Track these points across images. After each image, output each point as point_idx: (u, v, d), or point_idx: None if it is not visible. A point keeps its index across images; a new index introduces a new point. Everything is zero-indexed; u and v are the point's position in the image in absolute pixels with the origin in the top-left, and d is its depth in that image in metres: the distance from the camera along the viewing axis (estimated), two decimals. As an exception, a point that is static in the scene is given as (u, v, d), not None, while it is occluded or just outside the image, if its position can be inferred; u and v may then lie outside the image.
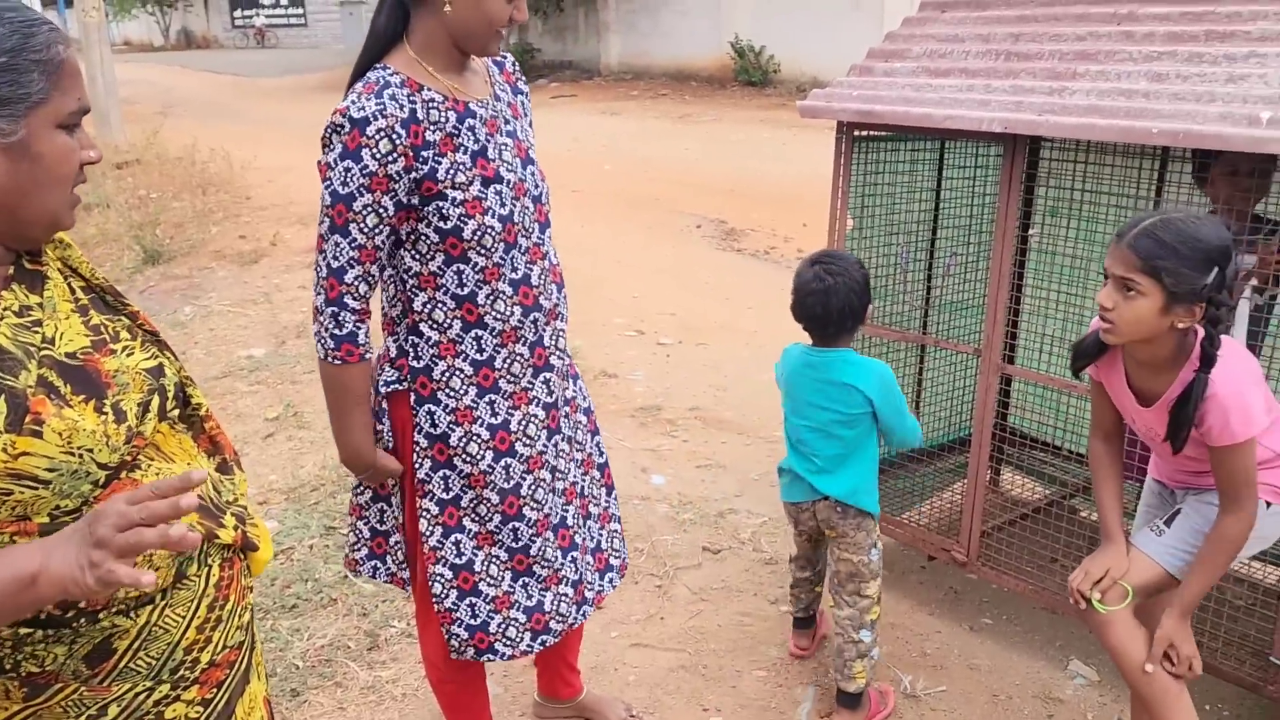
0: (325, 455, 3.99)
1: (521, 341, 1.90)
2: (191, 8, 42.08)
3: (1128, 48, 2.35)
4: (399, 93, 1.71)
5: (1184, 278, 1.74)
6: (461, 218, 1.76)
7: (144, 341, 1.31)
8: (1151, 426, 1.98)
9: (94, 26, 12.05)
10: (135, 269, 7.02)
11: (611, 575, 2.22)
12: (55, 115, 1.15)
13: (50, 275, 1.23)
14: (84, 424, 1.14)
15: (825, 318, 2.33)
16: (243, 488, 1.42)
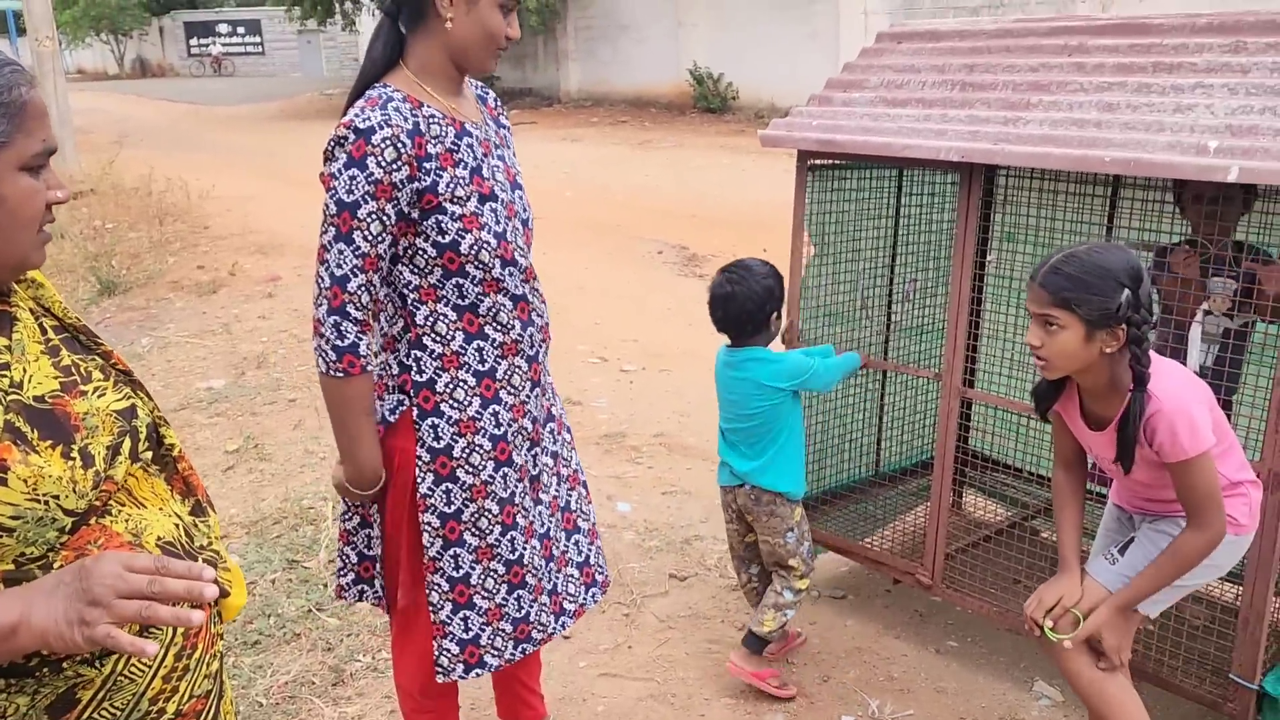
0: (287, 488, 3.94)
1: (521, 355, 1.95)
2: (147, 36, 41.73)
3: (1079, 78, 2.41)
4: (401, 106, 1.75)
5: (1095, 304, 1.82)
6: (460, 232, 1.80)
7: (116, 382, 1.29)
8: (1104, 452, 2.02)
9: (47, 55, 11.89)
10: (91, 300, 6.90)
11: (595, 590, 2.23)
12: (18, 158, 1.13)
13: (19, 316, 1.21)
14: (50, 470, 1.12)
15: (728, 320, 2.62)
16: (216, 530, 1.40)
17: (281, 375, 5.33)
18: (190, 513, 1.36)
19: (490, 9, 1.79)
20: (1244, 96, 2.13)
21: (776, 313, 2.62)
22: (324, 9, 22.57)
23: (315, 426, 4.59)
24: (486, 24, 1.79)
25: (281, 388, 5.15)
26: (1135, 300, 1.82)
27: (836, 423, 3.26)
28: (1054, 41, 2.58)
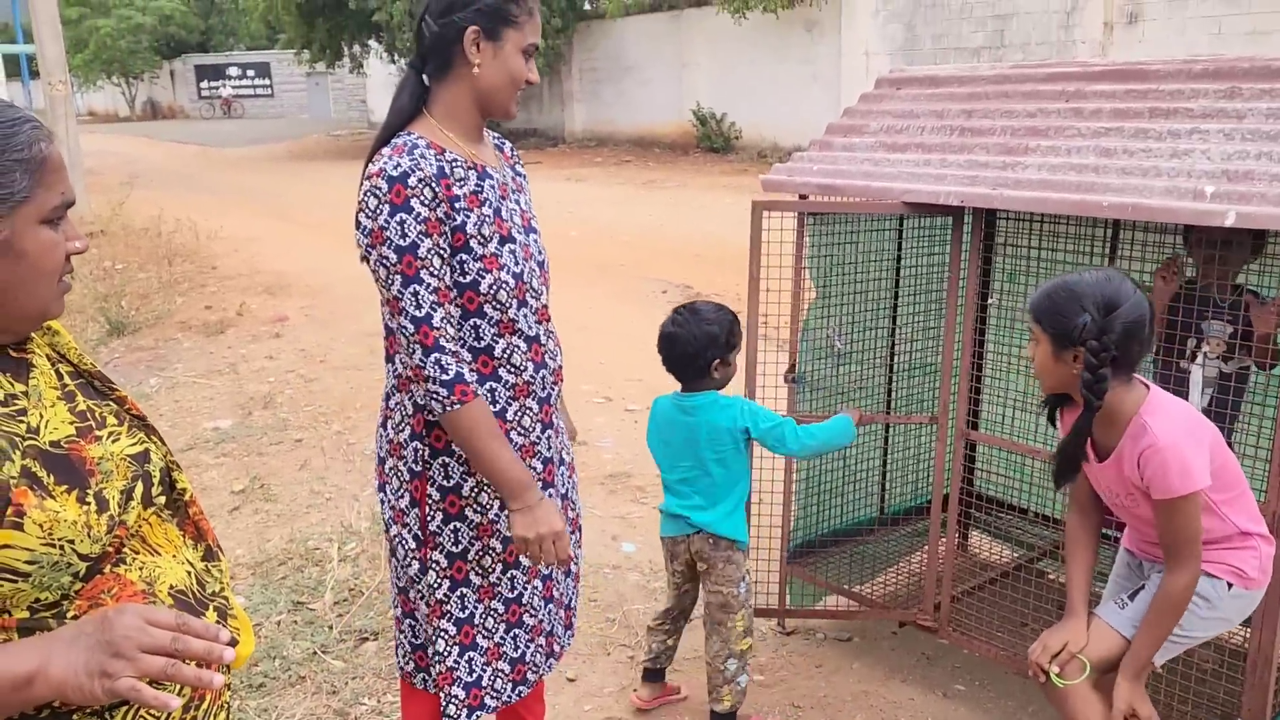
0: (293, 529, 3.94)
1: (532, 396, 1.97)
2: (158, 79, 42.30)
3: (1077, 124, 2.45)
4: (426, 152, 1.81)
5: (1058, 322, 1.92)
6: (480, 271, 1.85)
7: (130, 427, 1.30)
8: (1110, 485, 2.03)
9: (60, 99, 12.07)
10: (100, 341, 6.95)
11: (570, 633, 2.26)
12: (39, 212, 1.16)
13: (36, 363, 1.23)
14: (66, 515, 1.13)
15: (672, 361, 2.60)
16: (226, 576, 1.40)
17: (288, 415, 5.35)
18: (202, 558, 1.36)
19: (514, 54, 1.86)
20: (1240, 142, 2.16)
21: (720, 359, 2.56)
22: (333, 52, 22.87)
23: (321, 466, 4.60)
24: (511, 69, 1.86)
25: (288, 428, 5.16)
26: (1098, 328, 1.87)
27: (839, 464, 3.27)
28: (1052, 87, 2.62)
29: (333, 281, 8.50)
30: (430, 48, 1.87)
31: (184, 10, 41.12)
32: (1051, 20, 13.22)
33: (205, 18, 43.31)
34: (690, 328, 2.53)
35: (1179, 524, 1.91)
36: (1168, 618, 1.96)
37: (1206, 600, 2.01)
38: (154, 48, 39.28)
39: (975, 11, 14.14)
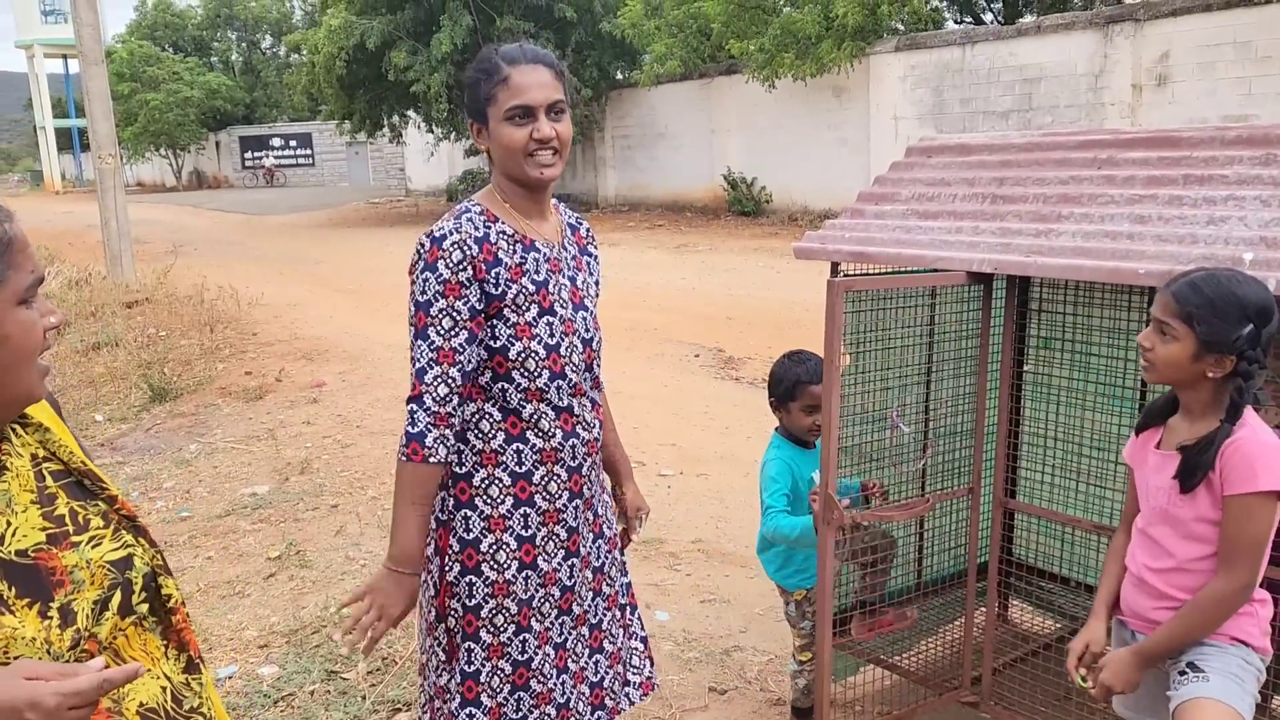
0: (327, 595, 3.95)
1: (561, 464, 2.02)
2: (204, 150, 43.60)
3: (1110, 191, 2.45)
4: (476, 218, 1.95)
5: (1216, 328, 1.84)
6: (510, 339, 1.94)
7: (116, 529, 1.26)
8: (1164, 476, 1.97)
9: (109, 172, 12.46)
10: (143, 407, 7.07)
11: (602, 714, 2.21)
12: (15, 294, 1.13)
13: (10, 464, 1.18)
14: (23, 631, 1.09)
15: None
16: (209, 689, 1.36)
17: (324, 481, 5.39)
18: (183, 670, 1.32)
19: (500, 125, 1.94)
20: (1276, 209, 2.15)
21: (774, 401, 3.00)
22: (372, 123, 23.48)
23: (356, 533, 4.61)
24: (503, 140, 1.95)
25: (324, 493, 5.20)
26: (1255, 337, 1.84)
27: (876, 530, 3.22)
28: (1083, 155, 2.63)
29: (370, 347, 8.62)
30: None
31: (230, 84, 42.56)
32: (1080, 83, 13.31)
33: (250, 91, 44.74)
34: (776, 366, 2.98)
35: (1249, 528, 1.85)
36: (1199, 621, 1.90)
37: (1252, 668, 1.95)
38: (200, 120, 40.59)
39: (1003, 76, 14.27)
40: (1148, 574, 2.01)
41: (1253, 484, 1.83)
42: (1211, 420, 1.92)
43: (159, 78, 38.92)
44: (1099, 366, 2.91)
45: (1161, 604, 1.99)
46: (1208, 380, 1.90)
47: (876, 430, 3.10)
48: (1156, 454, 2.02)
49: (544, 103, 1.93)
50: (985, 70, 14.46)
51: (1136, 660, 1.96)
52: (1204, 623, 1.91)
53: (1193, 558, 1.94)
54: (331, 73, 20.94)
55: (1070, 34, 13.36)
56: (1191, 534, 1.94)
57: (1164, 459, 1.99)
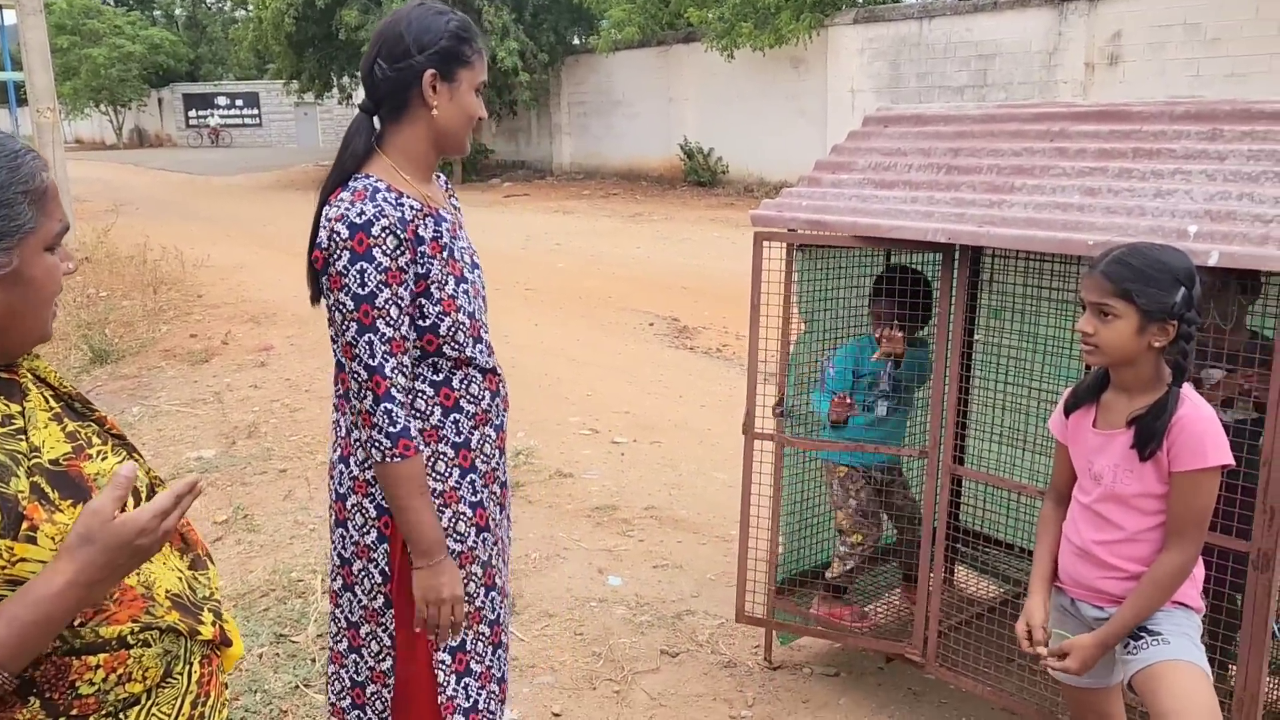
0: (275, 559, 3.91)
1: (490, 424, 2.02)
2: (145, 107, 42.35)
3: (1061, 163, 2.49)
4: (388, 195, 1.83)
5: (1153, 297, 1.88)
6: (439, 315, 1.88)
7: (114, 446, 1.35)
8: (1108, 457, 2.01)
9: (48, 126, 12.04)
10: (83, 369, 6.89)
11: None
12: (44, 240, 1.21)
13: (28, 387, 1.27)
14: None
15: None
16: (215, 582, 1.44)
17: (272, 445, 5.31)
18: (190, 566, 1.40)
19: (468, 93, 1.90)
20: (1221, 183, 2.20)
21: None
22: (322, 83, 22.98)
23: (305, 497, 4.56)
24: (466, 107, 1.91)
25: (272, 458, 5.13)
26: (1189, 299, 1.89)
27: (819, 499, 3.27)
28: (1037, 127, 2.66)
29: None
30: (386, 92, 1.88)
31: (174, 39, 41.31)
32: (1034, 60, 13.45)
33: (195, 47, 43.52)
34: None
35: (1198, 501, 1.91)
36: (1156, 596, 1.96)
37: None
38: (143, 76, 39.38)
39: (959, 51, 14.37)
40: (1094, 547, 2.05)
41: (1202, 460, 1.89)
42: (1152, 392, 1.97)
43: (100, 31, 37.63)
44: (1046, 336, 2.96)
45: (1108, 574, 2.04)
46: (1150, 352, 1.94)
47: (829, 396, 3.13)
48: (1097, 434, 2.05)
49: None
50: (942, 45, 14.54)
51: (1102, 644, 2.00)
52: (1163, 595, 1.97)
53: (1141, 529, 2.00)
54: (280, 29, 20.41)
55: (1026, 11, 13.48)
56: (1137, 508, 1.99)
57: (1106, 438, 2.03)
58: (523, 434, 5.37)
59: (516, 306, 8.73)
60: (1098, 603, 2.07)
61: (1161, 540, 1.98)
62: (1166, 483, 1.95)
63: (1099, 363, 2.01)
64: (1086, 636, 2.02)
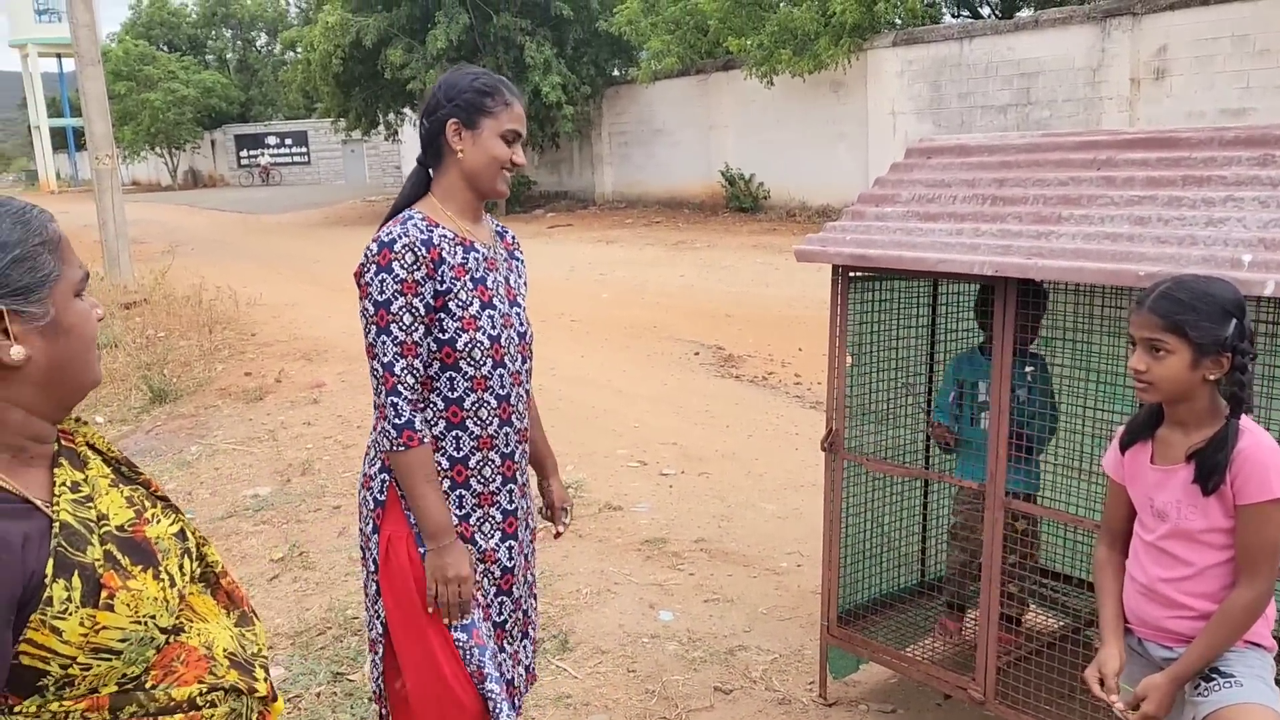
0: (331, 597, 3.96)
1: (495, 450, 2.20)
2: (199, 149, 43.49)
3: (1109, 193, 2.46)
4: (419, 223, 2.11)
5: (1206, 330, 1.85)
6: (458, 330, 2.10)
7: (163, 508, 1.38)
8: (1169, 493, 1.97)
9: (106, 172, 12.44)
10: (143, 409, 7.07)
11: (520, 697, 2.40)
12: (70, 286, 1.24)
13: (87, 455, 1.30)
14: (148, 592, 1.21)
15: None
16: (262, 640, 1.47)
17: (326, 482, 5.40)
18: (237, 623, 1.43)
19: (492, 139, 2.12)
20: (1275, 209, 2.16)
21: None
22: (368, 120, 23.44)
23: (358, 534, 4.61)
24: (490, 151, 2.13)
25: (326, 494, 5.21)
26: (1241, 330, 1.86)
27: (877, 530, 3.24)
28: (1083, 155, 2.64)
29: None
30: (425, 141, 2.18)
31: (225, 82, 42.47)
32: (1077, 77, 13.31)
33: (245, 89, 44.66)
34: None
35: (1267, 534, 1.86)
36: (1227, 634, 1.91)
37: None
38: (196, 119, 40.50)
39: (1000, 70, 14.26)
40: (1161, 585, 2.00)
41: (1269, 492, 1.85)
42: (1209, 426, 1.93)
43: (154, 77, 38.81)
44: (1100, 363, 2.93)
45: (1176, 613, 1.99)
46: (1205, 386, 1.90)
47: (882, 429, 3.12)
48: (1156, 470, 2.01)
49: (524, 135, 2.19)
50: (983, 65, 14.45)
51: (1175, 684, 1.95)
52: (1235, 633, 1.92)
53: (1209, 565, 1.95)
54: (327, 70, 20.90)
55: (1068, 28, 13.35)
56: (1204, 543, 1.95)
57: (1166, 474, 1.99)
58: (571, 466, 5.40)
59: (562, 338, 8.79)
60: (1166, 642, 2.02)
61: (1231, 576, 1.94)
62: (1233, 516, 1.90)
63: (1154, 399, 1.98)
64: (1159, 676, 1.96)
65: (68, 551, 1.16)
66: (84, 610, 1.14)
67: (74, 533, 1.17)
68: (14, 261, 1.16)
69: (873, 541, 3.24)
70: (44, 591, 1.12)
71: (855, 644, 3.07)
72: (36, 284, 1.18)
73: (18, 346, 1.17)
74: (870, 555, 3.25)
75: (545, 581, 3.98)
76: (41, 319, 1.19)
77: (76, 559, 1.15)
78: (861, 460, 3.05)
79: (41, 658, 1.13)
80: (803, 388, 6.97)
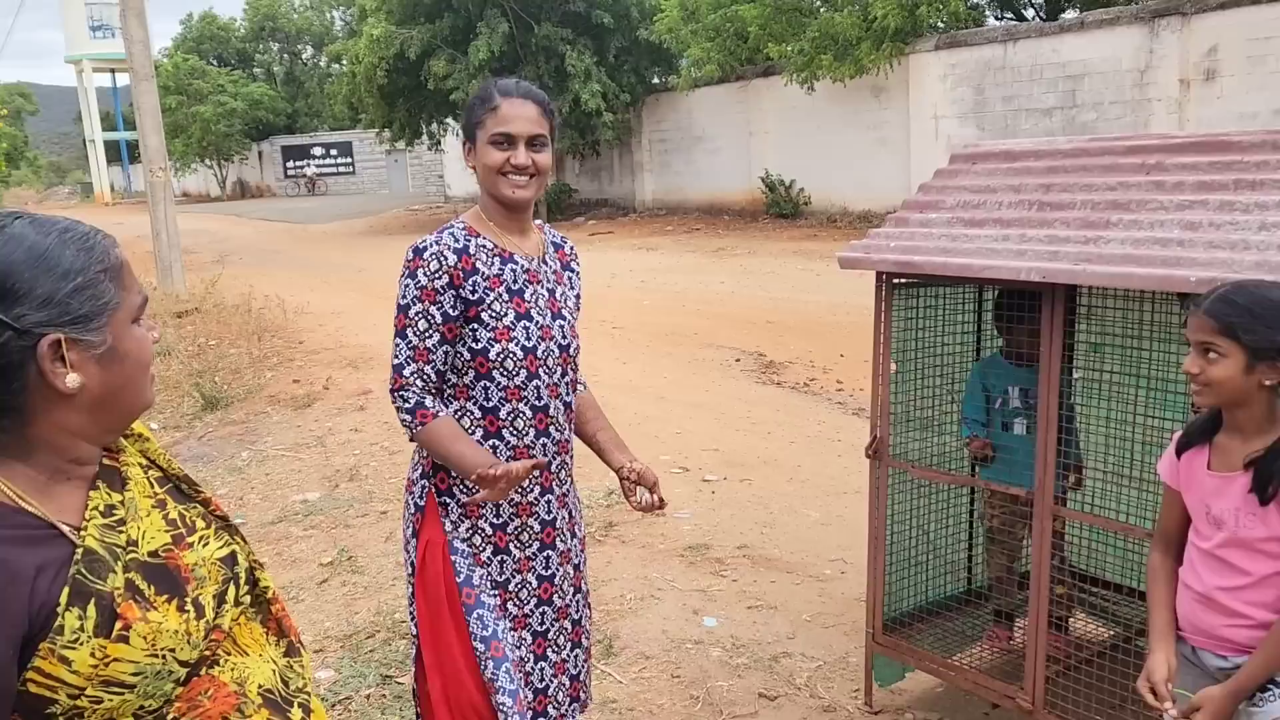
0: (379, 601, 4.02)
1: (532, 459, 2.18)
2: (247, 160, 44.31)
3: (1159, 197, 2.44)
4: (458, 232, 2.17)
5: (1261, 334, 1.83)
6: (490, 341, 2.14)
7: (217, 529, 1.35)
8: (1228, 500, 1.94)
9: (160, 185, 12.73)
10: (195, 415, 7.22)
11: (576, 706, 2.41)
12: (129, 313, 1.24)
13: (130, 474, 1.28)
14: (168, 625, 1.18)
15: None
16: (309, 672, 1.43)
17: (373, 488, 5.48)
18: (284, 654, 1.40)
19: (484, 148, 2.16)
20: (1330, 213, 2.13)
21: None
22: (412, 131, 23.74)
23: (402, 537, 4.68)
24: (485, 161, 2.17)
25: (373, 500, 5.28)
26: None
27: (922, 537, 3.23)
28: (1132, 160, 2.61)
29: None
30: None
31: (272, 95, 43.23)
32: (1125, 79, 13.11)
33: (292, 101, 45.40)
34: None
35: None
36: None
37: None
38: (244, 131, 41.28)
39: (1045, 73, 14.10)
40: (1218, 594, 1.98)
41: None
42: (1268, 433, 1.90)
43: (204, 90, 39.63)
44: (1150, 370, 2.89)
45: (1234, 621, 1.97)
46: (1262, 391, 1.88)
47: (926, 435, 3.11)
48: (1213, 477, 1.98)
49: (525, 134, 2.15)
50: (1028, 68, 14.29)
51: (1234, 699, 1.92)
52: None
53: (1269, 574, 1.92)
54: (372, 82, 21.20)
55: (1115, 29, 13.17)
56: (1263, 552, 1.92)
57: (1223, 481, 1.96)
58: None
59: (604, 345, 8.83)
60: (1222, 651, 2.00)
61: None
62: None
63: (1208, 403, 1.95)
64: (1217, 690, 1.93)
65: (86, 579, 1.13)
66: (95, 641, 1.11)
67: (97, 559, 1.15)
68: (76, 290, 1.16)
69: (918, 548, 3.22)
70: (55, 620, 1.10)
71: (901, 651, 3.05)
72: (96, 312, 1.18)
73: (73, 375, 1.16)
74: (915, 562, 3.24)
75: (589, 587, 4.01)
76: (99, 347, 1.18)
77: (95, 587, 1.13)
78: (906, 467, 3.04)
79: (49, 686, 1.11)
80: (845, 394, 6.94)
